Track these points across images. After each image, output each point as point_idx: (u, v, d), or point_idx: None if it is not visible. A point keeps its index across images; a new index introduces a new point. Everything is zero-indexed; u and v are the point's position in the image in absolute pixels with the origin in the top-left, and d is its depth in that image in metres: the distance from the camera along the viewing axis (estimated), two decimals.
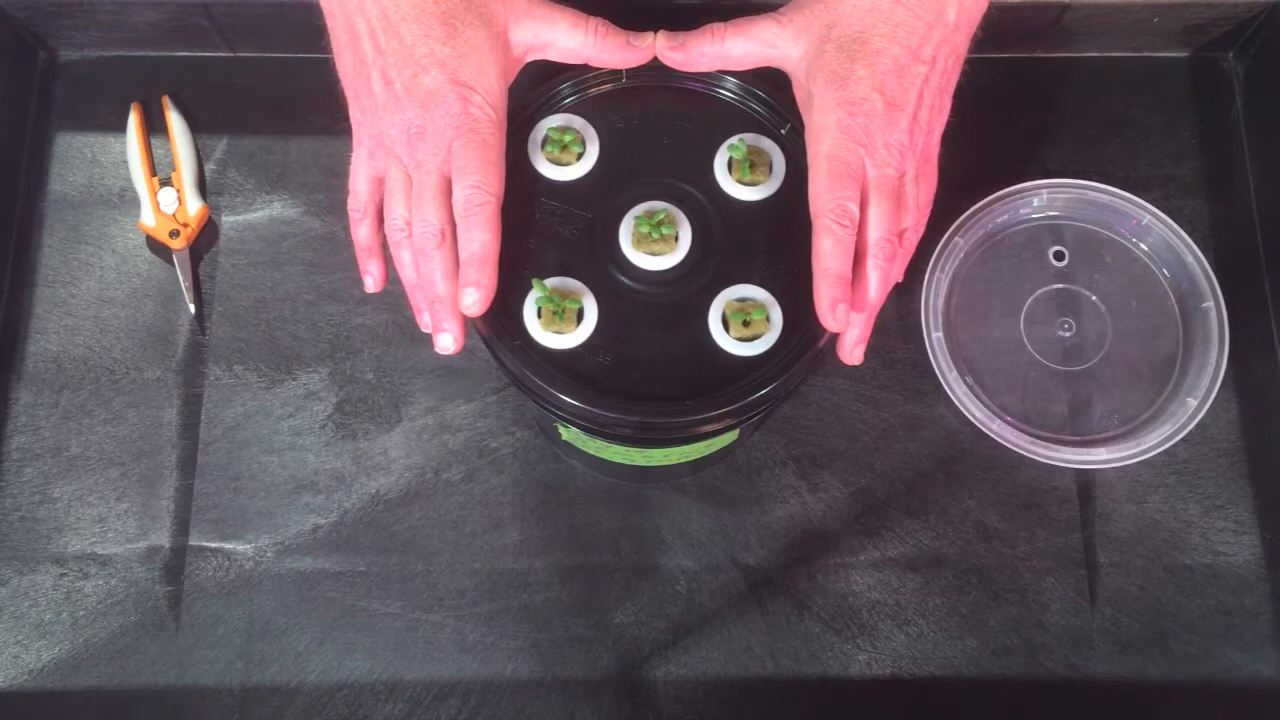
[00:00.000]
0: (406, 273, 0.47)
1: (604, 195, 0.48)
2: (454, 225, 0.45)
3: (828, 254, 0.44)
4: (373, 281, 0.51)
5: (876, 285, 0.45)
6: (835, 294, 0.44)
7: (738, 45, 0.48)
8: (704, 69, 0.49)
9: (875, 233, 0.45)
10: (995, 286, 0.63)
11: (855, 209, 0.44)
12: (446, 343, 0.46)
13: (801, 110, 0.48)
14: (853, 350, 0.47)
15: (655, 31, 0.49)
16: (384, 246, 0.49)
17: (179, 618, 0.58)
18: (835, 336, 0.47)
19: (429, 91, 0.44)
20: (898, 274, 0.48)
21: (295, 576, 0.59)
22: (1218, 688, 0.58)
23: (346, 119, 0.49)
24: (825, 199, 0.44)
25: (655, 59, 0.49)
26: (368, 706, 0.57)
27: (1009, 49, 0.67)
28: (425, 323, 0.48)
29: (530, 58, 0.49)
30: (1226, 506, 0.61)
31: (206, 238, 0.64)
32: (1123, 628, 0.59)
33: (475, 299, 0.44)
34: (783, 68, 0.48)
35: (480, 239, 0.44)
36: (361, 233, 0.50)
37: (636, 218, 0.47)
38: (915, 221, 0.47)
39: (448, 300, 0.45)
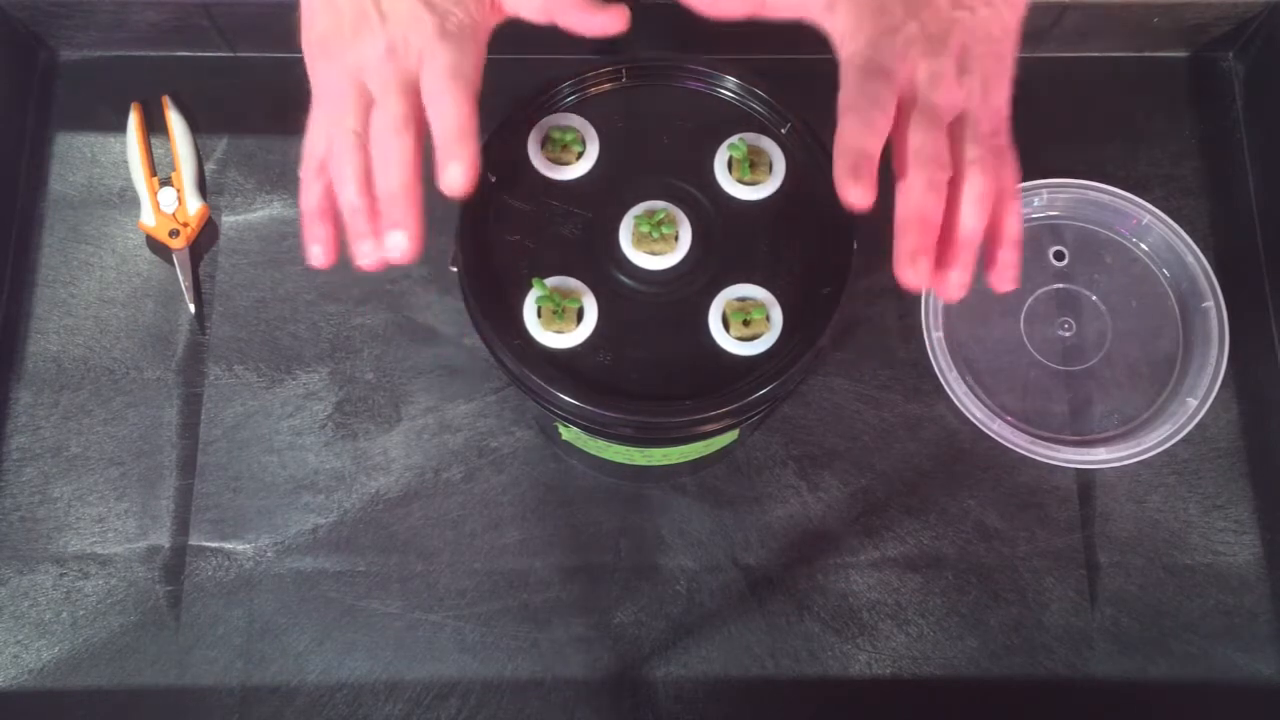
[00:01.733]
0: (348, 193, 0.42)
1: (604, 195, 0.48)
2: (420, 116, 0.42)
3: (852, 131, 0.40)
4: (321, 251, 0.44)
5: (921, 188, 0.41)
6: (856, 162, 0.40)
7: None
8: (737, 14, 0.46)
9: (915, 139, 0.41)
10: None
11: (889, 108, 0.41)
12: (399, 243, 0.41)
13: (839, 49, 0.45)
14: (913, 260, 0.41)
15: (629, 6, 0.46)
16: (338, 212, 0.44)
17: (179, 618, 0.58)
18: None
19: (403, 14, 0.43)
20: (982, 210, 0.42)
21: (295, 576, 0.59)
22: (1218, 688, 0.58)
23: None
24: (856, 91, 0.41)
25: (649, 59, 0.48)
26: (368, 706, 0.57)
27: None
28: (364, 251, 0.43)
29: (506, 11, 0.47)
30: (1226, 506, 0.61)
31: (206, 237, 0.64)
32: (1123, 628, 0.59)
33: (459, 172, 0.41)
34: (815, 18, 0.45)
35: (456, 109, 0.41)
36: (313, 194, 0.44)
37: (636, 217, 0.47)
38: (983, 157, 0.42)
39: (405, 194, 0.41)
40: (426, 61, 0.43)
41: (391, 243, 0.42)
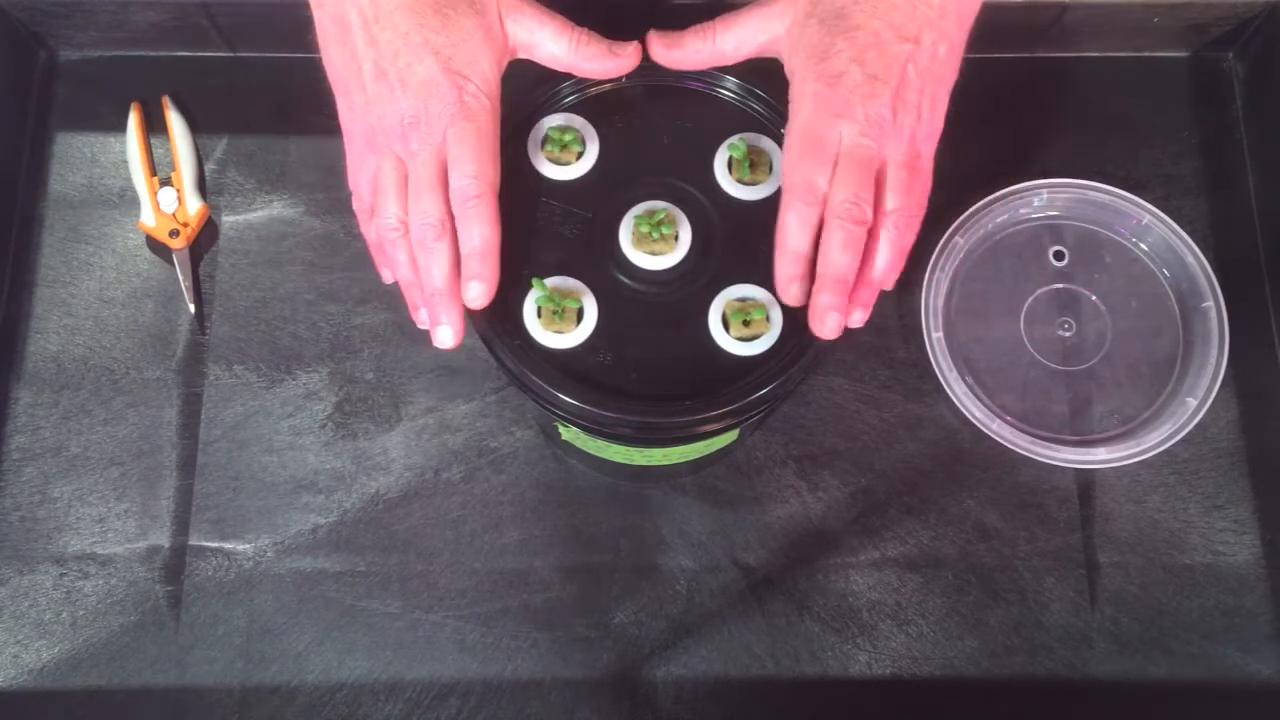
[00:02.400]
0: (402, 272, 0.47)
1: (604, 195, 0.48)
2: (452, 217, 0.45)
3: (789, 229, 0.44)
4: (390, 274, 0.50)
5: (838, 247, 0.43)
6: (791, 271, 0.44)
7: (728, 39, 0.48)
8: (699, 67, 0.49)
9: (839, 195, 0.43)
10: (995, 286, 0.63)
11: (824, 185, 0.43)
12: (446, 336, 0.46)
13: (789, 95, 0.47)
14: (823, 316, 0.44)
15: (640, 40, 0.48)
16: None
17: (179, 618, 0.58)
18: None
19: (423, 80, 0.44)
20: (893, 261, 0.46)
21: (295, 576, 0.59)
22: (1218, 688, 0.58)
23: None
24: (793, 174, 0.44)
25: (646, 60, 0.49)
26: (368, 706, 0.57)
27: (1009, 49, 0.67)
28: (422, 319, 0.48)
29: (518, 55, 0.48)
30: (1226, 506, 0.61)
31: (206, 237, 0.64)
32: (1123, 628, 0.59)
33: (480, 292, 0.45)
34: (774, 52, 0.48)
35: (480, 232, 0.44)
36: (370, 231, 0.49)
37: (636, 217, 0.47)
38: (905, 207, 0.45)
39: (447, 294, 0.45)
40: (452, 155, 0.45)
41: (439, 337, 0.46)
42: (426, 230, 0.45)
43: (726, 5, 0.49)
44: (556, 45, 0.47)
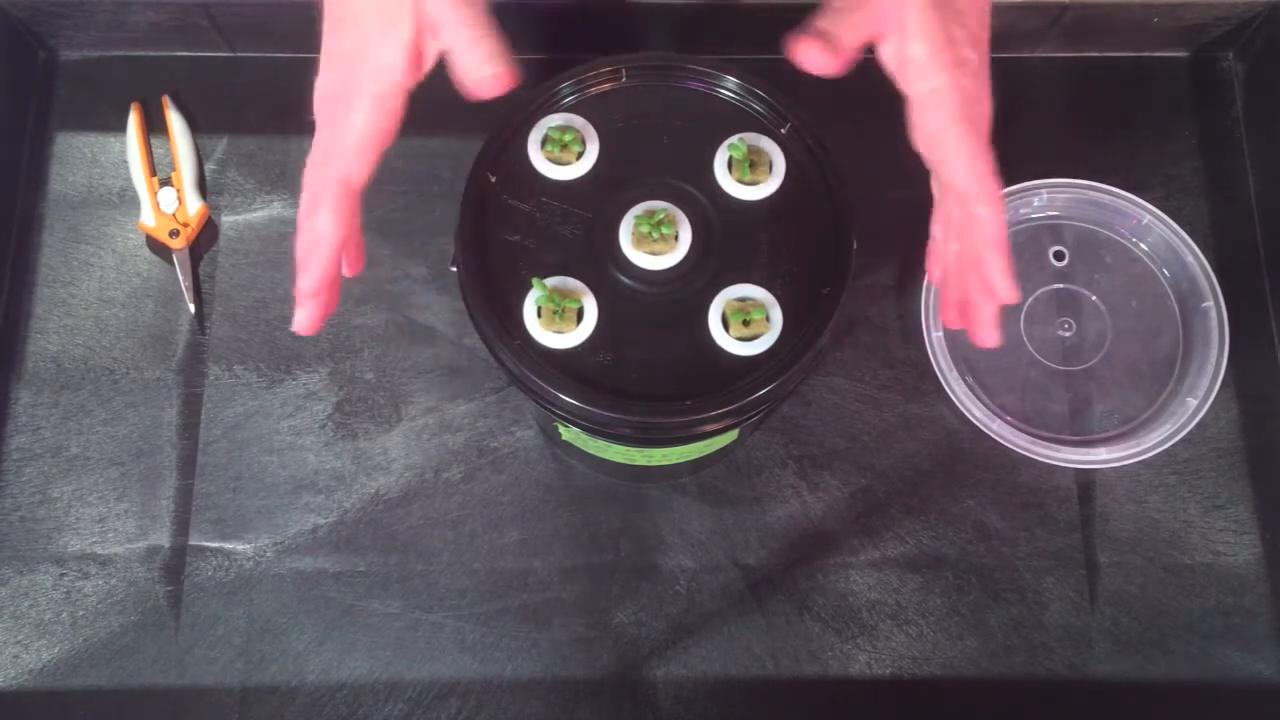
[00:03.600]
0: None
1: (604, 195, 0.48)
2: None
3: (1001, 229, 0.44)
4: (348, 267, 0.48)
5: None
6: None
7: (854, 30, 0.43)
8: (836, 71, 0.43)
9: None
10: None
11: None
12: (300, 319, 0.44)
13: (896, 71, 0.44)
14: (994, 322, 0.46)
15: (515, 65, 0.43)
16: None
17: (179, 618, 0.58)
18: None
19: (332, 55, 0.43)
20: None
21: (295, 576, 0.59)
22: (1218, 688, 0.58)
23: None
24: (979, 167, 0.44)
25: (647, 59, 0.48)
26: (368, 706, 0.57)
27: (1009, 49, 0.67)
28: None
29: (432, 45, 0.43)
30: (1226, 506, 0.61)
31: (206, 237, 0.64)
32: (1123, 628, 0.59)
33: (304, 315, 0.43)
34: (889, 35, 0.44)
35: (323, 219, 0.42)
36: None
37: (636, 217, 0.47)
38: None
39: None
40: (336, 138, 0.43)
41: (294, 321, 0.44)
42: (303, 208, 0.43)
43: (726, 9, 0.49)
44: (455, 35, 0.42)
